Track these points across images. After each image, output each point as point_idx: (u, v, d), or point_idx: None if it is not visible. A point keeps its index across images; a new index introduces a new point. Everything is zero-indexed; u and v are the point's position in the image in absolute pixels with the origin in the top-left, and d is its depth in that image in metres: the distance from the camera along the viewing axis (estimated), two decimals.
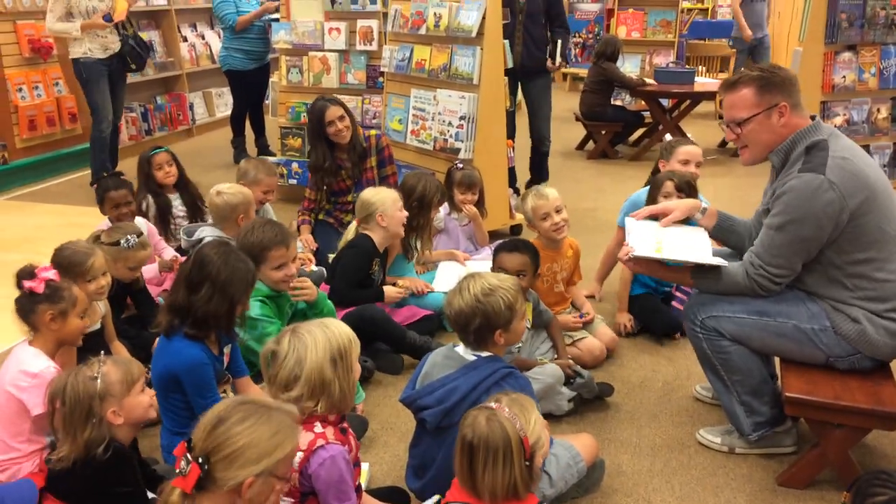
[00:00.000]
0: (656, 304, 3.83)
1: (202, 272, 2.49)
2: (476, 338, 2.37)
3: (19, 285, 2.49)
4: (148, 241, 3.35)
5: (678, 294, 3.87)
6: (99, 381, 2.03)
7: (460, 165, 4.34)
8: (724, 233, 2.89)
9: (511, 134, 5.79)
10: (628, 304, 3.85)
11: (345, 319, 3.50)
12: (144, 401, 2.14)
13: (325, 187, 4.65)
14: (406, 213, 3.70)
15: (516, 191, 6.04)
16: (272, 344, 2.07)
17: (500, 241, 3.28)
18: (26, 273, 2.49)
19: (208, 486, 1.65)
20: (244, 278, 2.55)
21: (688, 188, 3.68)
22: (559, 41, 5.94)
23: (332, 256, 3.85)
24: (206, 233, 3.60)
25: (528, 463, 1.91)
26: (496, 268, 3.06)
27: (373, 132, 4.75)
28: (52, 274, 2.51)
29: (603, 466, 2.66)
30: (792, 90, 2.57)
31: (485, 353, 2.38)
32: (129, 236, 3.17)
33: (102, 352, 2.25)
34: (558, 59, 5.97)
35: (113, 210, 3.77)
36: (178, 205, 4.24)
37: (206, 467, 1.64)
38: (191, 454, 1.66)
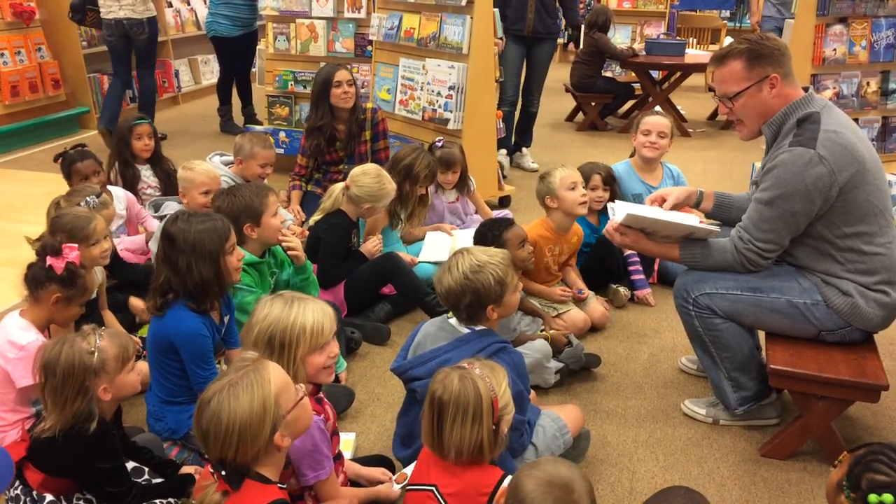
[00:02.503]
0: (593, 259, 3.88)
1: (174, 247, 2.48)
2: (468, 314, 2.37)
3: (41, 255, 2.44)
4: (108, 199, 3.29)
5: (632, 268, 3.91)
6: (96, 355, 2.01)
7: (440, 143, 4.26)
8: (724, 210, 2.89)
9: (501, 104, 5.78)
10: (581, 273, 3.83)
11: (369, 266, 3.57)
12: (134, 379, 2.13)
13: (316, 154, 4.61)
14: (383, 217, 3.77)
15: (511, 153, 6.08)
16: (265, 298, 2.08)
17: (487, 221, 3.26)
18: (52, 248, 2.43)
19: (247, 471, 1.67)
20: (213, 230, 2.51)
21: (612, 181, 3.81)
22: (572, 27, 6.23)
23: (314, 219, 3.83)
24: (171, 208, 3.58)
25: (494, 427, 1.91)
26: (502, 244, 3.01)
27: (369, 105, 4.71)
28: (74, 256, 2.45)
29: (589, 437, 2.69)
30: (782, 60, 2.55)
31: (478, 327, 2.38)
32: (88, 198, 3.10)
33: (97, 325, 2.22)
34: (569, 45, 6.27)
35: (82, 182, 3.67)
36: (148, 176, 4.18)
37: (229, 470, 1.66)
38: (212, 467, 1.68)
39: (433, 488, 1.93)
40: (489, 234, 3.06)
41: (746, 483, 2.56)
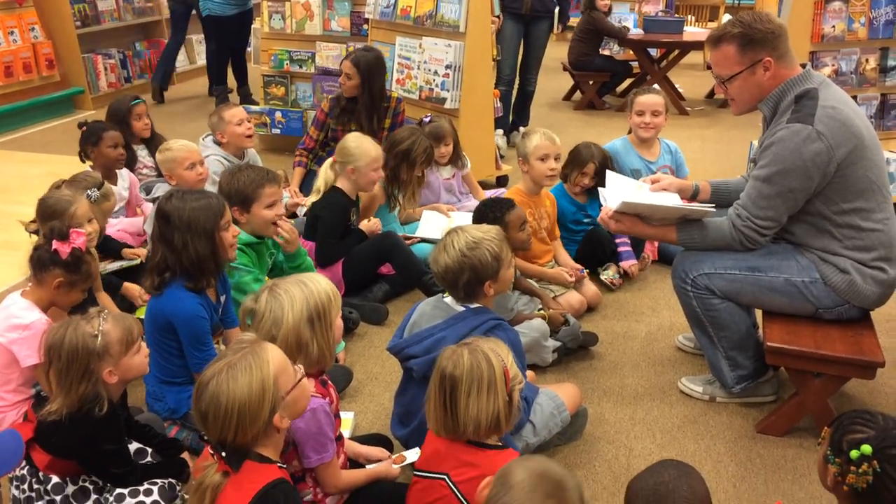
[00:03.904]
0: (584, 251, 3.88)
1: (168, 224, 2.49)
2: (466, 292, 2.37)
3: (48, 238, 2.43)
4: (111, 190, 3.29)
5: (619, 240, 3.87)
6: (99, 338, 2.00)
7: (427, 119, 4.26)
8: (722, 196, 2.89)
9: (498, 83, 5.76)
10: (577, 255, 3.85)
11: (368, 245, 3.57)
12: (140, 361, 2.13)
13: (328, 128, 4.62)
14: (381, 175, 3.67)
15: (507, 133, 6.05)
16: (250, 301, 2.06)
17: (488, 200, 3.25)
18: (60, 232, 2.42)
19: (247, 452, 1.68)
20: (208, 208, 2.52)
21: (604, 169, 3.69)
22: (562, 7, 6.42)
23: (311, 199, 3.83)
24: (162, 189, 3.58)
25: (507, 397, 1.91)
26: (505, 225, 3.00)
27: (394, 94, 4.69)
28: (81, 241, 2.44)
29: (586, 415, 2.70)
30: (777, 42, 2.53)
31: (473, 305, 2.39)
32: (90, 190, 3.09)
33: (100, 309, 2.22)
34: (558, 26, 6.48)
35: (112, 150, 3.71)
36: (144, 156, 4.19)
37: (229, 451, 1.66)
38: (212, 448, 1.68)
39: (445, 477, 1.93)
40: (491, 214, 3.02)
41: (742, 459, 2.58)
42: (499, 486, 1.51)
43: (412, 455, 2.28)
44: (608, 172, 3.01)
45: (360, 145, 3.60)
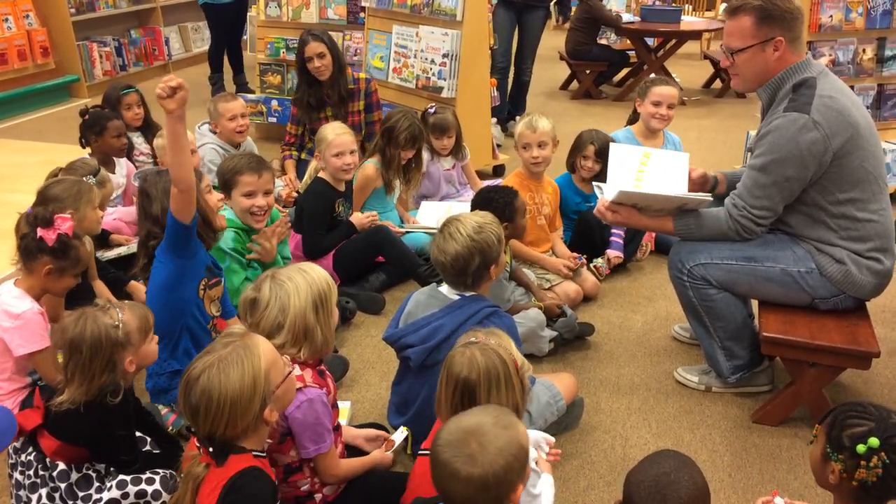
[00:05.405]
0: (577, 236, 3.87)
1: (149, 198, 2.56)
2: (475, 278, 2.36)
3: (33, 226, 2.41)
4: (107, 177, 3.29)
5: (614, 238, 3.86)
6: (121, 328, 2.01)
7: (432, 110, 4.23)
8: (735, 185, 2.88)
9: (491, 72, 5.73)
10: (571, 242, 3.84)
11: (360, 238, 3.57)
12: (154, 348, 2.14)
13: (304, 122, 4.63)
14: (345, 162, 3.56)
15: (505, 122, 6.02)
16: (252, 291, 2.05)
17: (492, 187, 3.23)
18: (44, 219, 2.40)
19: (233, 445, 1.68)
20: None
21: (605, 154, 3.72)
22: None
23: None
24: None
25: (521, 387, 1.92)
26: (513, 211, 3.03)
27: (363, 75, 4.68)
28: (67, 227, 2.42)
29: (582, 404, 2.71)
30: (793, 24, 2.51)
31: (468, 293, 2.39)
32: (86, 177, 3.08)
33: (87, 295, 2.22)
34: (558, 18, 6.37)
35: (116, 140, 3.74)
36: (140, 143, 4.20)
37: (216, 445, 1.66)
38: (198, 441, 1.68)
39: None
40: (498, 199, 3.00)
41: (738, 449, 2.59)
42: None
43: (399, 435, 2.31)
44: (611, 145, 2.96)
45: (321, 132, 3.62)
